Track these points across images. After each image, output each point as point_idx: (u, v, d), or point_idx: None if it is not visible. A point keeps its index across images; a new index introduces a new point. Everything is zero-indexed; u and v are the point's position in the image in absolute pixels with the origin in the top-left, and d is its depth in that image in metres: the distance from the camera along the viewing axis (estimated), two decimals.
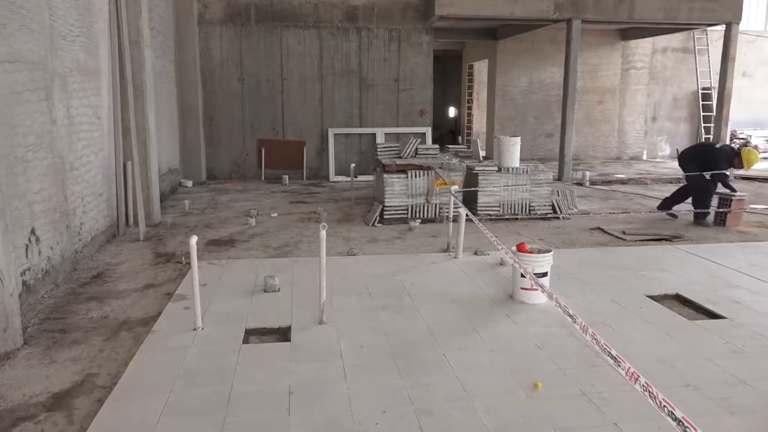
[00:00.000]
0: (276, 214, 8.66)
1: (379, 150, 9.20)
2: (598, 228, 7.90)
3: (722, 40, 12.71)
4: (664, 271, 5.87)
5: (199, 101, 11.91)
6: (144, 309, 4.88)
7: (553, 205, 8.58)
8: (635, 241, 7.25)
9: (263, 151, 12.35)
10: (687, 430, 1.92)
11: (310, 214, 8.75)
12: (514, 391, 3.49)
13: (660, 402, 2.08)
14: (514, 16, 11.62)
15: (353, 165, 9.77)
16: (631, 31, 15.30)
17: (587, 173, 12.27)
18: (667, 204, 8.59)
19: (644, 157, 16.41)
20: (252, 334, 4.38)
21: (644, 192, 11.05)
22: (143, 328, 4.46)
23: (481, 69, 17.78)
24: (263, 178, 12.35)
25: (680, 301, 5.14)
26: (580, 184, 11.65)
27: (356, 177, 10.93)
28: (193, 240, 4.32)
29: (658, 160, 16.20)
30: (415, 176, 8.17)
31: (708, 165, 8.18)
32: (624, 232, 7.60)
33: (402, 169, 8.21)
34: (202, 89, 12.02)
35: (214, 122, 12.28)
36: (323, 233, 4.43)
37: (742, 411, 3.27)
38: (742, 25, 12.94)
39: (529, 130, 15.62)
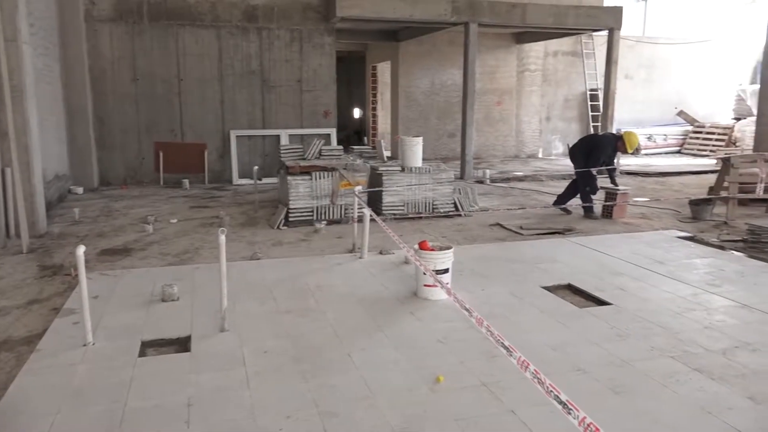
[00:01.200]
0: (175, 220, 8.33)
1: (282, 152, 9.08)
2: (498, 224, 8.21)
3: (606, 44, 13.61)
4: (558, 263, 6.20)
5: (88, 102, 11.22)
6: (27, 327, 4.53)
7: (455, 203, 8.83)
8: (531, 235, 7.60)
9: (161, 154, 11.83)
10: (571, 411, 2.04)
11: (212, 218, 8.49)
12: (418, 387, 3.56)
13: (547, 387, 2.19)
14: (414, 18, 11.85)
15: (256, 167, 9.57)
16: (525, 35, 16.04)
17: (488, 171, 12.72)
18: (560, 200, 9.08)
19: (540, 155, 17.25)
20: (149, 347, 4.18)
21: (540, 188, 11.61)
22: (26, 347, 4.14)
23: (384, 70, 17.99)
24: (162, 182, 11.83)
25: (572, 290, 5.45)
26: (481, 182, 12.07)
27: (260, 180, 10.73)
28: (80, 250, 4.06)
29: (552, 157, 17.08)
30: (320, 177, 8.13)
31: (595, 152, 8.74)
32: (521, 227, 7.95)
33: (306, 171, 8.15)
34: (92, 90, 11.34)
35: (106, 125, 11.62)
36: (222, 238, 4.30)
37: (625, 390, 3.51)
38: (623, 31, 13.92)
39: (433, 131, 15.98)
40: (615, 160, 9.25)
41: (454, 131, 15.85)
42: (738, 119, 17.88)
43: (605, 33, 13.56)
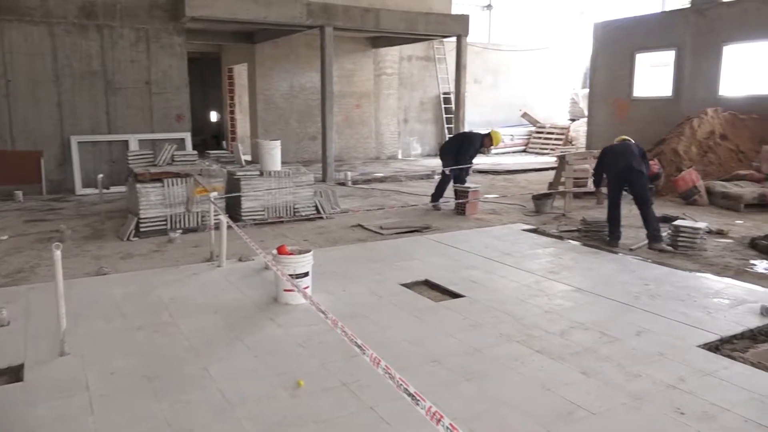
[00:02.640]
0: (6, 237, 7.49)
1: (130, 158, 8.51)
2: (359, 225, 8.33)
3: (455, 50, 14.35)
4: (415, 260, 6.42)
5: None
6: None
7: (316, 206, 8.83)
8: (391, 234, 7.81)
9: None
10: (419, 402, 2.12)
11: (51, 233, 7.74)
12: (278, 393, 3.50)
13: (397, 381, 2.25)
14: (268, 20, 11.69)
15: (101, 176, 8.87)
16: (380, 40, 16.44)
17: (349, 173, 12.87)
18: (435, 197, 9.59)
19: (399, 156, 17.78)
20: None
21: (399, 188, 11.97)
22: None
23: (241, 72, 17.54)
24: None
25: (429, 285, 5.67)
26: (343, 184, 12.19)
27: (107, 189, 9.99)
28: None
29: (411, 158, 17.69)
30: (173, 184, 7.74)
31: (465, 147, 9.47)
32: (381, 227, 8.13)
33: (157, 178, 7.72)
34: None
35: None
36: (57, 253, 3.93)
37: (476, 377, 3.71)
38: (471, 38, 14.78)
39: (293, 134, 15.87)
40: (474, 160, 9.85)
41: (315, 134, 15.85)
42: (573, 120, 19.70)
43: (455, 39, 14.28)
